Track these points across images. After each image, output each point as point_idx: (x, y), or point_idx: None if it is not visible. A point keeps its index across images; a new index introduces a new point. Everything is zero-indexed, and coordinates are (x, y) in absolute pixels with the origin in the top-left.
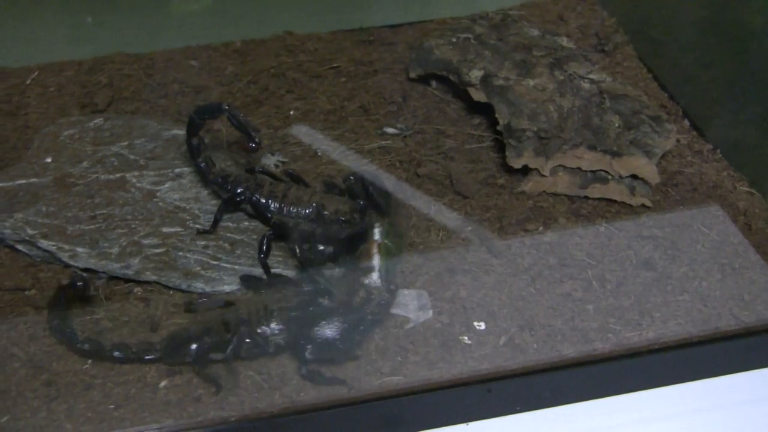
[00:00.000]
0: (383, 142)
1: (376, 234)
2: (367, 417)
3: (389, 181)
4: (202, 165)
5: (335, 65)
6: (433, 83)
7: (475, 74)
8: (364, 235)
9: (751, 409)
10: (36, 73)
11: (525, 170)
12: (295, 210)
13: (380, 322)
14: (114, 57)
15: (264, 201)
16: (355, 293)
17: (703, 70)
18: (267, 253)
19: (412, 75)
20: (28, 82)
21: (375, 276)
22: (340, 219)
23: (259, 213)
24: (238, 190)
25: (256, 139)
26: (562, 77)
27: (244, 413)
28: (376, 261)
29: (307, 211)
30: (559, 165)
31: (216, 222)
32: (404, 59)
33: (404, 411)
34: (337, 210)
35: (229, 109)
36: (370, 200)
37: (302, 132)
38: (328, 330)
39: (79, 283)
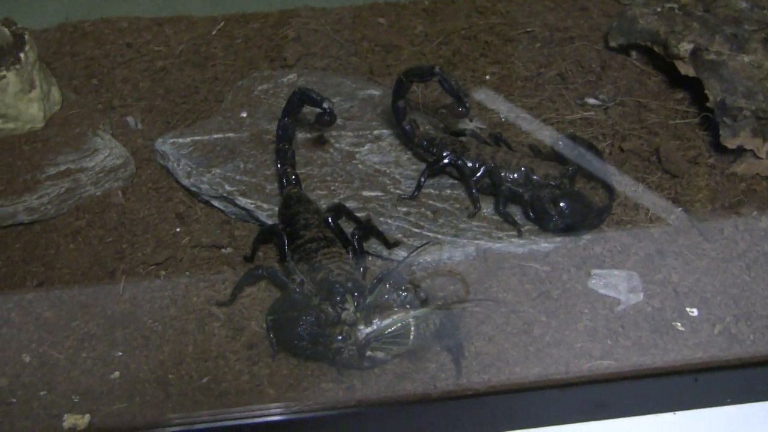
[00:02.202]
0: (585, 113)
1: (416, 313)
2: (575, 400)
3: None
4: (407, 128)
5: (529, 29)
6: (634, 53)
7: (685, 47)
8: (585, 206)
9: None
10: (222, 23)
11: (737, 151)
12: (503, 174)
13: (333, 363)
14: (300, 11)
15: (471, 164)
16: (343, 322)
17: None
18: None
19: (612, 44)
20: (213, 32)
21: (364, 330)
22: (550, 184)
23: (465, 177)
24: (445, 153)
25: (467, 104)
26: None
27: (446, 389)
28: (383, 324)
29: (515, 175)
30: None
31: (419, 187)
32: (600, 26)
33: (613, 396)
34: (547, 174)
35: (440, 72)
36: (583, 165)
37: (499, 98)
38: (295, 319)
39: (327, 108)
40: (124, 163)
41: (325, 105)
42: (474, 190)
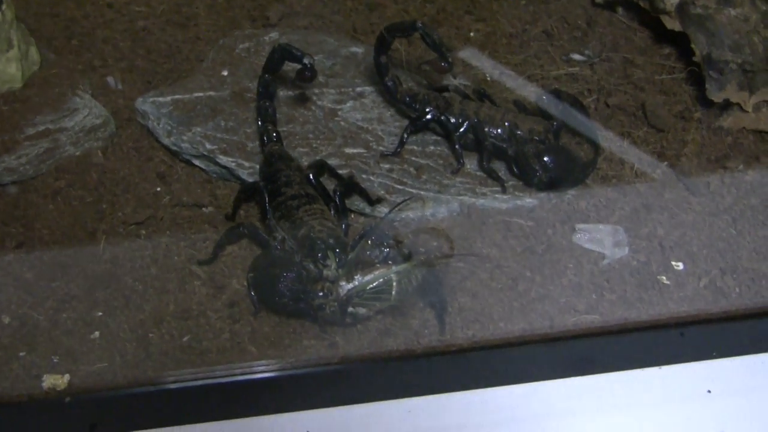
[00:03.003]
0: (570, 69)
1: (397, 269)
2: (560, 355)
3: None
4: (390, 84)
5: None
6: (620, 9)
7: (671, 1)
8: (570, 161)
9: None
10: None
11: (723, 105)
12: (487, 129)
13: (314, 319)
14: None
15: (454, 120)
16: (320, 278)
17: None
18: None
19: (599, 0)
20: None
21: (346, 286)
22: (535, 139)
23: (448, 133)
24: (428, 109)
25: (449, 59)
26: (765, 7)
27: (430, 345)
28: (364, 280)
29: (499, 130)
30: (764, 100)
31: (402, 143)
32: None
33: (598, 351)
34: (531, 129)
35: (422, 27)
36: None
37: (484, 55)
38: (277, 275)
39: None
40: (103, 122)
41: (306, 60)
42: (457, 146)
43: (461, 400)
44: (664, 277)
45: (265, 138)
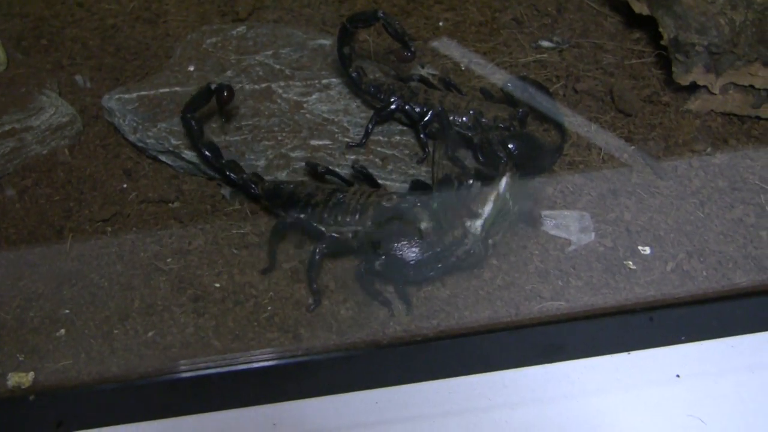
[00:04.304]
0: (539, 56)
1: (503, 185)
2: (526, 342)
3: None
4: (354, 75)
5: None
6: None
7: None
8: (534, 147)
9: None
10: None
11: (692, 88)
12: (452, 118)
13: (462, 269)
14: None
15: (419, 109)
16: (451, 230)
17: None
18: None
19: None
20: None
21: (478, 223)
22: (499, 126)
23: (413, 122)
24: (392, 99)
25: (412, 48)
26: None
27: (396, 335)
28: (488, 210)
29: (464, 119)
30: (730, 82)
31: (367, 134)
32: None
33: (564, 337)
34: (496, 117)
35: (384, 16)
36: (533, 104)
37: (453, 44)
38: (407, 252)
39: (225, 92)
40: (70, 121)
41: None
42: (422, 135)
43: (428, 390)
44: (630, 262)
45: (233, 175)
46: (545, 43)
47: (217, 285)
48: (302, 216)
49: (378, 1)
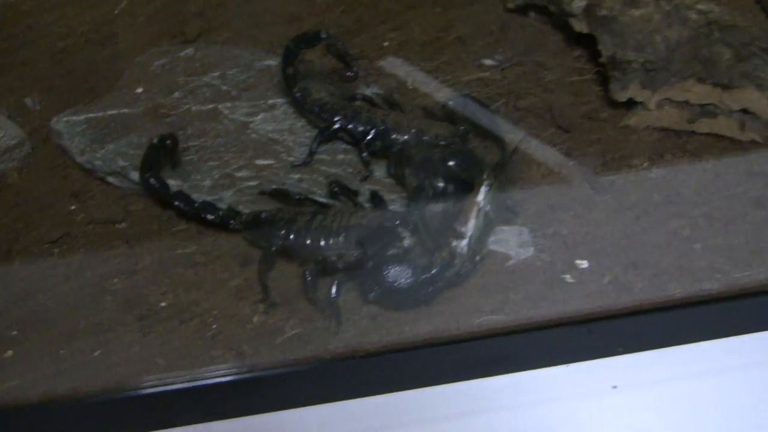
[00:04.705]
0: (481, 74)
1: (481, 195)
2: (467, 356)
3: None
4: (298, 95)
5: None
6: (532, 14)
7: (578, 4)
8: (473, 164)
9: None
10: (124, 3)
11: (629, 104)
12: (394, 136)
13: (453, 286)
14: None
15: (362, 128)
16: (438, 251)
17: None
18: None
19: (510, 5)
20: (116, 12)
21: (464, 243)
22: (441, 144)
23: (356, 141)
24: (336, 118)
25: (355, 68)
26: (668, 7)
27: (339, 351)
28: (471, 227)
29: (406, 137)
30: (666, 98)
31: (311, 153)
32: None
33: (504, 350)
34: (438, 134)
35: (328, 37)
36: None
37: (397, 63)
38: (399, 281)
39: (168, 141)
40: (19, 143)
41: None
42: (365, 154)
43: (372, 405)
44: (568, 276)
45: (209, 216)
46: (488, 62)
47: (163, 304)
48: (290, 238)
49: (325, 22)
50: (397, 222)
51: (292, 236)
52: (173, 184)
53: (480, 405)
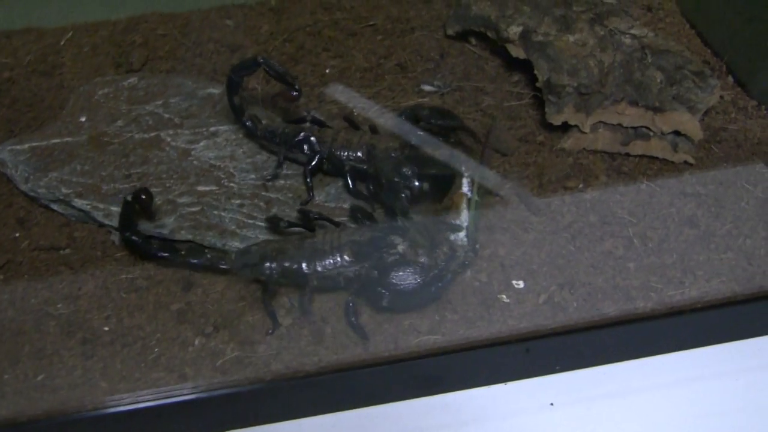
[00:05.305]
0: (421, 99)
1: (465, 186)
2: (404, 376)
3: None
4: (248, 124)
5: (372, 23)
6: (472, 40)
7: (514, 30)
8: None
9: None
10: (70, 33)
11: (565, 127)
12: (346, 154)
13: (459, 276)
14: (148, 17)
15: (308, 151)
16: (438, 247)
17: (747, 24)
18: None
19: (450, 32)
20: (62, 42)
21: (462, 234)
22: (392, 155)
23: (342, 167)
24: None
25: (296, 87)
26: (602, 32)
27: (279, 372)
28: (464, 217)
29: (358, 153)
30: (600, 121)
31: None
32: (442, 16)
33: (442, 370)
34: (387, 147)
35: (264, 61)
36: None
37: (338, 90)
38: (408, 281)
39: (142, 196)
40: None
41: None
42: (308, 179)
43: (311, 425)
44: (504, 296)
45: (196, 260)
46: (427, 87)
47: (106, 328)
48: (285, 266)
49: (269, 51)
50: (387, 230)
51: (286, 264)
52: (115, 210)
53: (419, 424)
